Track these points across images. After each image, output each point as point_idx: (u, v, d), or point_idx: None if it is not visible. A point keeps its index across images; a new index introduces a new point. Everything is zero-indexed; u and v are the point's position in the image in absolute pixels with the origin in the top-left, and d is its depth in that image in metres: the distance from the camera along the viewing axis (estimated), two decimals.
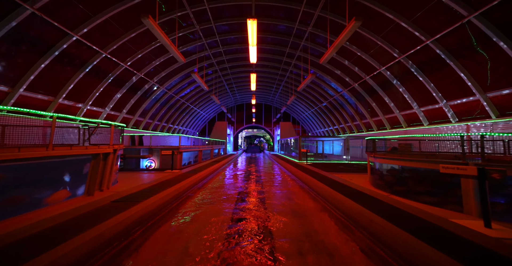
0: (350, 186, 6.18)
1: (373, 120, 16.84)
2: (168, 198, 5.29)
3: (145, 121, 18.38)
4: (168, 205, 5.17)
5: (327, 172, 8.47)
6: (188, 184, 6.90)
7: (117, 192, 5.05)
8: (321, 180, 6.94)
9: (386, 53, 11.05)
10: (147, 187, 5.79)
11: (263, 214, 4.95)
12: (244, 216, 4.84)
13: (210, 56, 16.82)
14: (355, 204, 4.48)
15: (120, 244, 3.35)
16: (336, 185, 6.29)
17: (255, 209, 5.23)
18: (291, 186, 7.96)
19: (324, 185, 6.23)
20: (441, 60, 9.11)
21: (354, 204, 4.50)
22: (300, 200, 6.11)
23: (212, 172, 10.44)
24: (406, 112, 12.93)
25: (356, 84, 15.27)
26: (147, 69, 13.77)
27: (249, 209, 5.24)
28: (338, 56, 13.99)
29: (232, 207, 5.42)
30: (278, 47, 16.19)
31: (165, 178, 7.21)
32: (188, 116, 26.38)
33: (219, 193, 6.71)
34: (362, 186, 6.06)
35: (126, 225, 3.63)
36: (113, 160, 5.37)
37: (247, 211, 5.14)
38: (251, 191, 7.17)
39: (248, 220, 4.64)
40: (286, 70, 20.25)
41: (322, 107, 23.61)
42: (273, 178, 9.68)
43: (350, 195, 5.10)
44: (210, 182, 8.67)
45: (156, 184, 6.16)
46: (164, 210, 4.87)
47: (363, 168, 9.91)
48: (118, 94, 13.39)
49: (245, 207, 5.43)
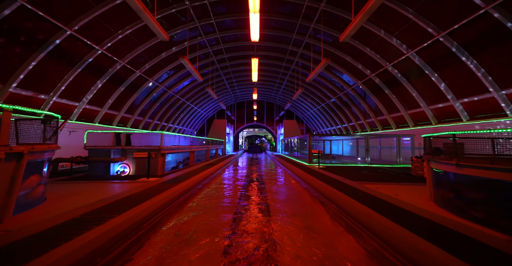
0: (405, 207, 4.00)
1: (391, 117, 14.75)
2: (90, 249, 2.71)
3: (134, 118, 16.39)
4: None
5: (352, 180, 6.37)
6: (158, 203, 4.62)
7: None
8: (352, 195, 4.81)
9: (418, 31, 8.95)
10: (76, 216, 3.51)
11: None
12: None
13: (206, 44, 14.81)
14: (444, 253, 2.43)
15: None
16: (381, 205, 4.15)
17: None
18: (309, 206, 5.54)
19: (362, 206, 4.10)
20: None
21: (441, 252, 2.45)
22: (329, 234, 3.84)
23: (203, 179, 8.07)
24: (436, 106, 10.83)
25: (372, 75, 13.19)
26: (131, 55, 11.76)
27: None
28: (353, 40, 11.92)
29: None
30: (283, 33, 14.15)
31: (127, 193, 5.03)
32: (184, 114, 24.37)
33: (204, 222, 4.35)
34: (424, 208, 3.96)
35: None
36: (17, 170, 3.33)
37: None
38: (252, 219, 4.64)
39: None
40: (291, 62, 18.19)
41: (330, 103, 21.53)
42: (283, 190, 7.10)
43: (420, 229, 3.02)
44: (195, 197, 6.17)
45: (100, 208, 3.90)
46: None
47: (393, 174, 7.82)
48: (98, 84, 11.38)
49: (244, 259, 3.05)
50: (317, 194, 6.33)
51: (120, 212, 3.71)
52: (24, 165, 3.42)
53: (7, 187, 3.25)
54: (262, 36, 14.41)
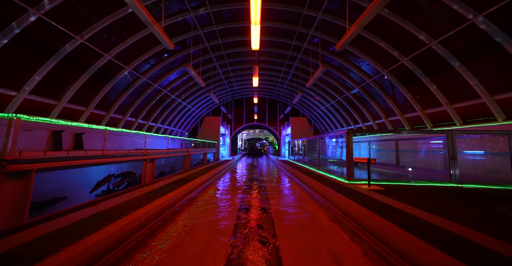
0: None
1: (425, 114, 11.80)
2: None
3: (109, 116, 13.50)
4: None
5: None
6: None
7: None
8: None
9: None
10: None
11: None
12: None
13: (196, 24, 11.95)
14: None
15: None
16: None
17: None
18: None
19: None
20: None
21: None
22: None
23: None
24: (502, 96, 7.90)
25: (406, 59, 10.29)
26: (93, 30, 8.89)
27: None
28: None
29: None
30: (292, 7, 11.28)
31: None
32: (175, 113, 21.46)
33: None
34: None
35: None
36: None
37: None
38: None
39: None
40: (298, 49, 15.31)
41: (341, 100, 18.60)
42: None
43: None
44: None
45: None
46: None
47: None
48: (46, 67, 8.50)
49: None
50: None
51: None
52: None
53: None
54: (264, 12, 11.58)
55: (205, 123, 21.67)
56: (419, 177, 8.47)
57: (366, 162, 5.97)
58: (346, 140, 6.59)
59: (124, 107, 14.49)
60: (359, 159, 6.32)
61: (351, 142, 6.54)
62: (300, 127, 21.64)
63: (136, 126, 16.95)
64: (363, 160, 6.13)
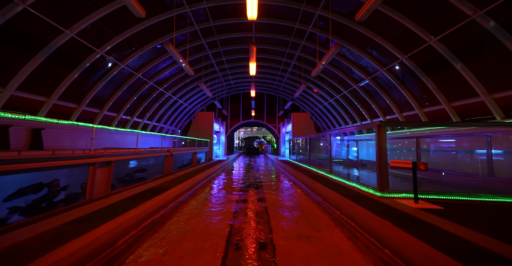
0: None
1: (452, 106, 10.03)
2: None
3: (81, 109, 11.53)
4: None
5: None
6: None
7: None
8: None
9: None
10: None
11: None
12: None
13: (189, 15, 10.00)
14: None
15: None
16: None
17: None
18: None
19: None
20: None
21: None
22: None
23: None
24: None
25: (434, 40, 8.47)
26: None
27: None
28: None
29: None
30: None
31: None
32: (165, 108, 19.46)
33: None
34: None
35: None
36: None
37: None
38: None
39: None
40: (302, 35, 13.42)
41: (347, 94, 16.78)
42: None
43: None
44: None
45: None
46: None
47: None
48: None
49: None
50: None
51: None
52: None
53: None
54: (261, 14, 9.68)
55: (196, 119, 19.70)
56: (479, 187, 6.38)
57: (408, 166, 4.12)
58: (377, 136, 4.74)
59: (99, 99, 12.50)
60: (397, 163, 4.41)
61: (385, 140, 4.66)
62: (302, 124, 19.71)
63: (117, 122, 14.98)
64: (404, 164, 4.25)
